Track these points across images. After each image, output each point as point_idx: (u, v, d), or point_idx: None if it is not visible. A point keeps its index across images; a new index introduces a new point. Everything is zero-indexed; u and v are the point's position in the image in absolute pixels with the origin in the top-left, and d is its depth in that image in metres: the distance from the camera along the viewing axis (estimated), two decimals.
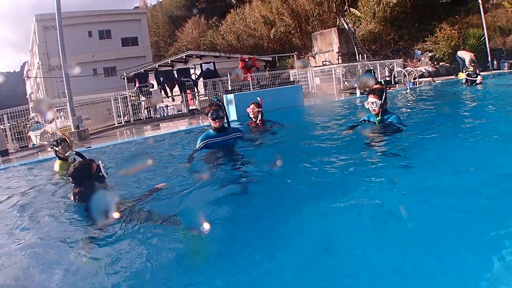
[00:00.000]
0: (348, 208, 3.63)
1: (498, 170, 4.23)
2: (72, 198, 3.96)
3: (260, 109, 8.40)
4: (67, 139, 7.13)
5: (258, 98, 8.77)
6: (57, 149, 6.94)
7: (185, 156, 6.46)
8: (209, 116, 6.10)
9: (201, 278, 2.82)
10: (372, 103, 6.04)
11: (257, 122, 8.36)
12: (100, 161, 3.97)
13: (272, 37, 42.50)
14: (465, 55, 23.83)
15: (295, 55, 31.76)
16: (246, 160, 5.70)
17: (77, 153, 4.31)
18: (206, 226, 2.99)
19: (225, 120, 6.20)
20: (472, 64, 18.10)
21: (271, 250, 3.07)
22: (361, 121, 6.57)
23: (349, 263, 2.79)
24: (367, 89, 6.52)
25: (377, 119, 6.08)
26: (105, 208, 3.20)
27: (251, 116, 8.48)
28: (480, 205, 3.38)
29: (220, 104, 6.22)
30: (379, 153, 5.41)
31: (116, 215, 3.31)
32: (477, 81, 15.26)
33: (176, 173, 5.54)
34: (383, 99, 5.96)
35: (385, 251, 2.87)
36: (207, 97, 24.44)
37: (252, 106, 8.47)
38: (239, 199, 4.25)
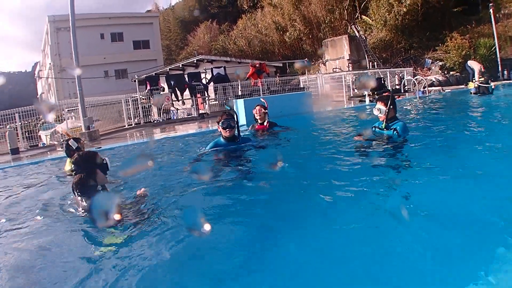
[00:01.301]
0: (351, 213, 3.67)
1: (503, 176, 4.26)
2: (72, 193, 3.97)
3: (266, 110, 8.41)
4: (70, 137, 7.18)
5: (261, 99, 8.77)
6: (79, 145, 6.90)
7: (190, 159, 6.53)
8: (220, 125, 6.16)
9: (201, 279, 2.85)
10: (378, 109, 6.11)
11: (265, 124, 8.35)
12: (106, 158, 4.07)
13: (287, 40, 42.62)
14: (475, 66, 23.82)
15: (305, 62, 31.80)
16: (252, 167, 5.71)
17: (77, 148, 4.37)
18: (207, 227, 3.01)
19: (236, 130, 6.25)
20: (482, 76, 18.03)
21: (272, 252, 3.11)
22: (371, 128, 6.60)
23: (350, 264, 2.81)
24: (376, 96, 6.56)
25: (383, 125, 6.13)
26: (106, 209, 3.22)
27: (257, 117, 8.41)
28: (484, 211, 3.41)
29: (232, 113, 6.28)
30: (383, 160, 5.44)
31: (117, 216, 3.32)
32: (492, 86, 15.23)
33: (179, 176, 5.56)
34: (388, 106, 6.00)
35: (386, 254, 2.92)
36: (217, 101, 24.57)
37: (258, 107, 8.42)
38: (242, 205, 4.25)
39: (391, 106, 6.03)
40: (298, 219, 3.68)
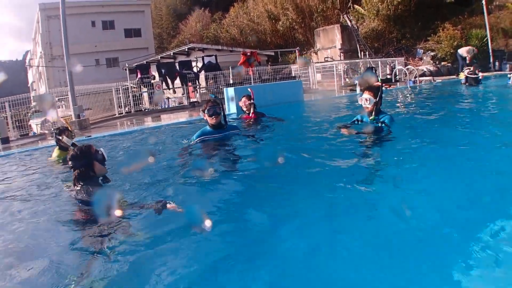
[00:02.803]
0: (338, 205, 3.68)
1: (492, 168, 4.29)
2: (73, 186, 3.94)
3: (252, 101, 8.43)
4: (69, 128, 7.15)
5: (248, 89, 8.77)
6: (60, 137, 6.89)
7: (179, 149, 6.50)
8: (205, 112, 6.10)
9: (196, 275, 2.84)
10: (366, 99, 5.94)
11: (250, 115, 8.38)
12: (101, 148, 4.06)
13: (280, 28, 42.41)
14: (464, 49, 24.10)
15: (297, 51, 31.73)
16: (240, 156, 5.70)
17: (73, 144, 4.35)
18: (203, 223, 2.99)
19: (222, 117, 6.20)
20: (471, 65, 18.11)
21: (266, 248, 3.12)
22: (354, 121, 6.54)
23: (340, 261, 2.83)
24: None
25: (370, 118, 6.01)
26: (107, 205, 3.19)
27: (244, 109, 8.50)
28: (477, 203, 3.43)
29: (218, 101, 6.24)
30: (370, 153, 5.43)
31: (118, 212, 3.30)
32: (480, 77, 15.35)
33: (169, 167, 5.54)
34: (377, 97, 5.93)
35: (378, 250, 2.93)
36: (208, 90, 24.51)
37: (243, 99, 8.45)
38: (232, 196, 4.26)
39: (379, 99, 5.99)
40: (286, 211, 3.68)
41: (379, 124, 5.95)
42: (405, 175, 4.38)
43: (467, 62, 22.39)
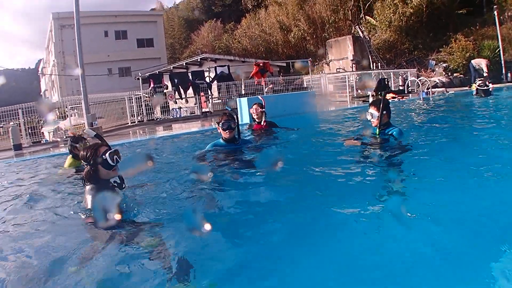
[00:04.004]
0: (345, 218, 3.64)
1: (502, 182, 4.24)
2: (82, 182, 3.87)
3: (263, 109, 8.33)
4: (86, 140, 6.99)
5: (259, 97, 8.66)
6: (77, 145, 6.74)
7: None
8: (220, 126, 6.11)
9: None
10: (370, 114, 5.91)
11: (262, 123, 8.24)
12: (115, 149, 3.88)
13: (292, 40, 42.61)
14: (482, 62, 24.03)
15: (309, 61, 31.81)
16: (251, 168, 5.64)
17: (97, 135, 4.19)
18: (208, 228, 2.97)
19: (236, 131, 6.19)
20: (483, 77, 18.06)
21: (273, 255, 3.10)
22: (361, 134, 6.47)
23: (349, 269, 2.81)
24: (380, 97, 6.38)
25: (377, 131, 5.93)
26: (107, 209, 3.16)
27: (255, 117, 8.29)
28: (483, 218, 3.39)
29: (233, 114, 6.24)
30: (378, 166, 5.35)
31: (117, 216, 3.25)
32: (490, 89, 15.27)
33: (179, 175, 5.53)
34: (380, 111, 5.87)
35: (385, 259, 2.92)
36: (220, 100, 24.58)
37: (255, 106, 8.28)
38: (242, 206, 4.22)
39: (384, 112, 5.84)
40: (297, 224, 3.63)
41: (387, 137, 5.89)
42: (411, 186, 4.34)
43: (485, 74, 22.34)
